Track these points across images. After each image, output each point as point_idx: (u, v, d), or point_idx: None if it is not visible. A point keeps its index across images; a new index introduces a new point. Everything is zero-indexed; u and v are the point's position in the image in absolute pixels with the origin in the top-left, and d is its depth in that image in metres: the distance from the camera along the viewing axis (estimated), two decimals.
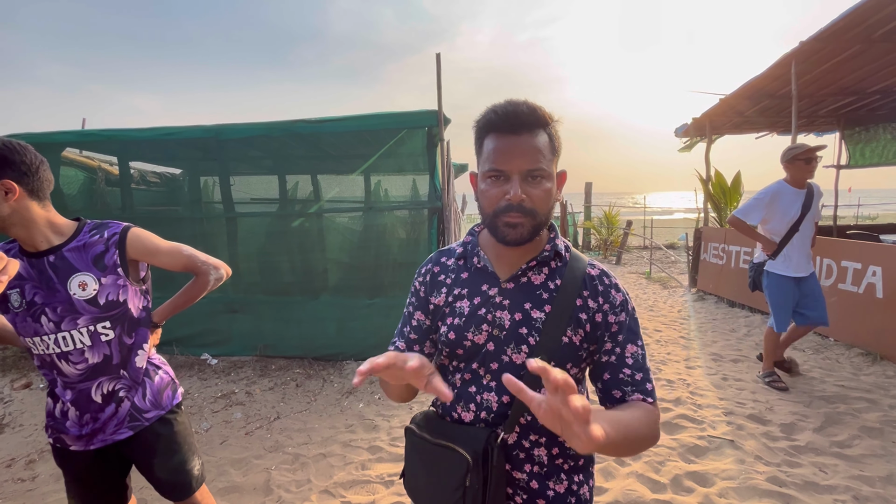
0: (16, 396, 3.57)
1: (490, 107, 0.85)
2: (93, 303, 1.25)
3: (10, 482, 2.48)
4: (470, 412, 0.88)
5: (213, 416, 3.21)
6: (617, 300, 0.89)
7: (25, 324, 1.24)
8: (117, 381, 1.32)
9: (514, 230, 0.83)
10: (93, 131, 4.29)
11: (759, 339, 4.60)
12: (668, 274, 8.90)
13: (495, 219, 0.84)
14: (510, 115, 0.81)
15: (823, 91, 6.08)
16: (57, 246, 1.25)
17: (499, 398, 0.87)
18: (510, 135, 0.82)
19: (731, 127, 7.69)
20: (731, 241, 6.22)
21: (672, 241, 14.47)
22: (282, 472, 2.51)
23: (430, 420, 0.93)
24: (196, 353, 4.29)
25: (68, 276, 1.24)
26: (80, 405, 1.28)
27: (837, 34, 4.39)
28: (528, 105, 0.82)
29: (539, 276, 0.91)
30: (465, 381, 0.90)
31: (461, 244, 1.00)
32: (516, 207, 0.81)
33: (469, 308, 0.91)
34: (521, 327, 0.87)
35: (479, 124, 0.86)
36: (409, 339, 1.00)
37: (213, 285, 1.50)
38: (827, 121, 7.62)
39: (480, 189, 0.86)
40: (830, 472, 2.36)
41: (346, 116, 3.87)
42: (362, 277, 4.26)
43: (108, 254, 1.28)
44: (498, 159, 0.82)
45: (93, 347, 1.28)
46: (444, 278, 0.97)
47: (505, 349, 0.87)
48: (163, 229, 1.47)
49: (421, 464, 0.91)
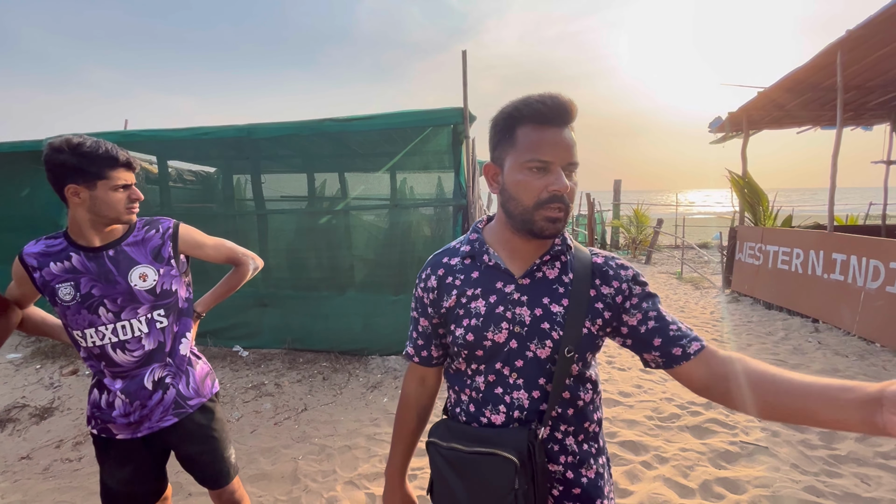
0: (64, 382, 3.80)
1: (530, 97, 0.83)
2: (151, 292, 1.34)
3: (59, 462, 2.65)
4: (500, 414, 0.87)
5: (244, 405, 3.32)
6: (629, 275, 0.90)
7: (79, 316, 1.29)
8: (165, 368, 1.39)
9: (553, 224, 0.83)
10: (134, 132, 4.50)
11: (797, 343, 4.40)
12: (701, 274, 8.61)
13: (536, 211, 0.82)
14: (559, 107, 0.81)
15: (872, 82, 5.74)
16: (114, 241, 1.33)
17: (529, 394, 0.86)
18: (556, 127, 0.81)
19: (769, 121, 7.35)
20: (768, 241, 5.96)
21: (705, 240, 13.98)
22: (308, 462, 2.58)
23: (453, 430, 0.89)
24: (228, 344, 4.45)
25: (129, 269, 1.31)
26: (130, 393, 1.33)
27: (889, 21, 4.13)
28: (569, 98, 0.82)
29: (553, 271, 0.90)
30: (490, 384, 0.89)
31: (466, 242, 0.97)
32: (560, 198, 0.81)
33: (486, 307, 0.89)
34: (543, 322, 0.86)
35: (515, 113, 0.83)
36: (417, 345, 1.02)
37: (251, 275, 1.64)
38: (876, 113, 7.18)
39: (516, 180, 0.83)
40: (874, 483, 2.24)
41: (372, 115, 3.91)
42: (388, 274, 4.31)
43: (164, 247, 1.37)
44: (544, 150, 0.81)
45: (149, 335, 1.35)
46: (451, 280, 0.94)
47: (528, 345, 0.86)
48: (198, 225, 1.54)
49: (457, 476, 0.85)
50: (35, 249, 1.31)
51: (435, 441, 0.90)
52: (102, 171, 1.24)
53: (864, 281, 4.36)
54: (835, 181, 4.99)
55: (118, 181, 1.27)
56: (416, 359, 1.03)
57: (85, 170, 1.23)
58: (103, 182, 1.25)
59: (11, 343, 4.72)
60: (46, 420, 3.16)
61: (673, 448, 2.63)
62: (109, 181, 1.26)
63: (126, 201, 1.30)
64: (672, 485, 2.30)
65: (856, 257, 4.49)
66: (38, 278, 1.29)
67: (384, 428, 2.96)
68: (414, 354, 1.03)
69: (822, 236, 5.07)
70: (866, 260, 4.32)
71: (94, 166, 1.23)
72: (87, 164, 1.23)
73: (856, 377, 3.51)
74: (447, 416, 0.99)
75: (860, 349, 4.09)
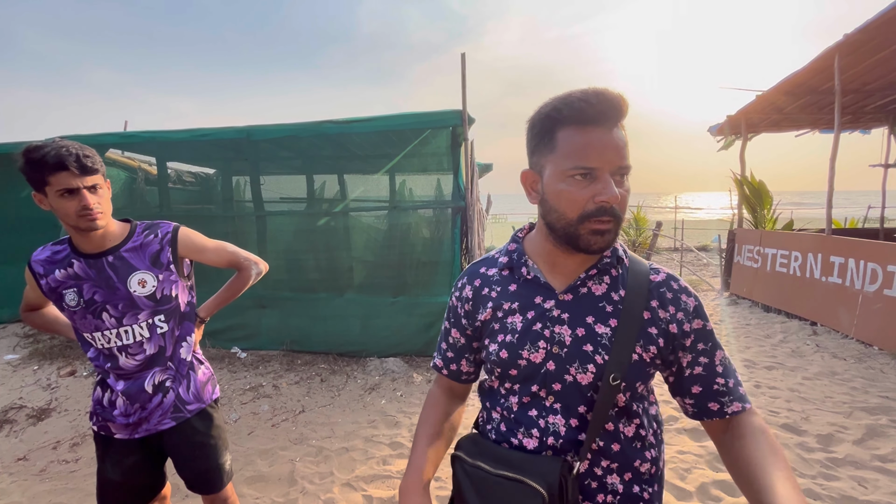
0: (62, 383, 3.80)
1: (573, 94, 0.72)
2: (151, 298, 1.33)
3: (56, 463, 2.64)
4: (533, 438, 0.78)
5: (242, 407, 3.32)
6: (690, 305, 0.79)
7: (86, 320, 1.30)
8: (166, 372, 1.39)
9: (602, 238, 0.74)
10: (134, 133, 4.51)
11: (796, 346, 4.41)
12: (700, 277, 8.61)
13: (581, 224, 0.73)
14: (606, 104, 0.70)
15: (870, 86, 5.75)
16: (114, 247, 1.32)
17: (566, 421, 0.77)
18: (600, 127, 0.71)
19: (768, 124, 7.37)
20: (767, 244, 5.97)
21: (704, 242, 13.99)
22: (306, 464, 2.58)
23: (482, 446, 0.82)
24: (226, 346, 4.44)
25: (128, 275, 1.31)
26: (131, 395, 1.34)
27: (886, 25, 4.15)
28: (619, 93, 0.71)
29: (600, 287, 0.81)
30: (524, 405, 0.81)
31: (504, 253, 0.90)
32: (609, 210, 0.72)
33: (522, 323, 0.81)
34: (586, 344, 0.77)
35: (556, 113, 0.73)
36: (447, 357, 0.96)
37: (254, 280, 1.60)
38: (874, 117, 7.21)
39: (559, 190, 0.74)
40: (871, 486, 2.24)
41: (371, 117, 3.93)
42: (386, 276, 4.31)
43: (163, 252, 1.36)
44: (591, 156, 0.71)
45: (150, 339, 1.35)
46: (488, 291, 0.87)
47: (568, 368, 0.77)
48: (197, 227, 1.54)
49: (478, 498, 0.77)
50: (41, 256, 1.32)
51: (460, 456, 0.83)
52: (45, 176, 1.17)
53: (861, 284, 4.36)
54: (833, 184, 5.00)
55: (59, 186, 1.18)
56: (444, 371, 0.96)
57: (31, 177, 1.19)
58: (50, 188, 1.19)
59: (9, 344, 4.71)
60: (44, 421, 3.15)
61: (670, 451, 2.63)
62: (53, 187, 1.18)
63: (78, 208, 1.20)
64: (669, 487, 2.30)
65: (854, 260, 4.50)
66: (44, 285, 1.30)
67: (382, 430, 2.96)
68: (443, 367, 0.96)
69: (820, 239, 5.08)
70: (864, 263, 4.32)
71: (37, 172, 1.18)
72: (31, 170, 1.18)
73: (853, 380, 3.52)
74: (477, 430, 0.91)
75: (858, 352, 4.10)
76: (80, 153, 1.19)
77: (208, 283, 1.65)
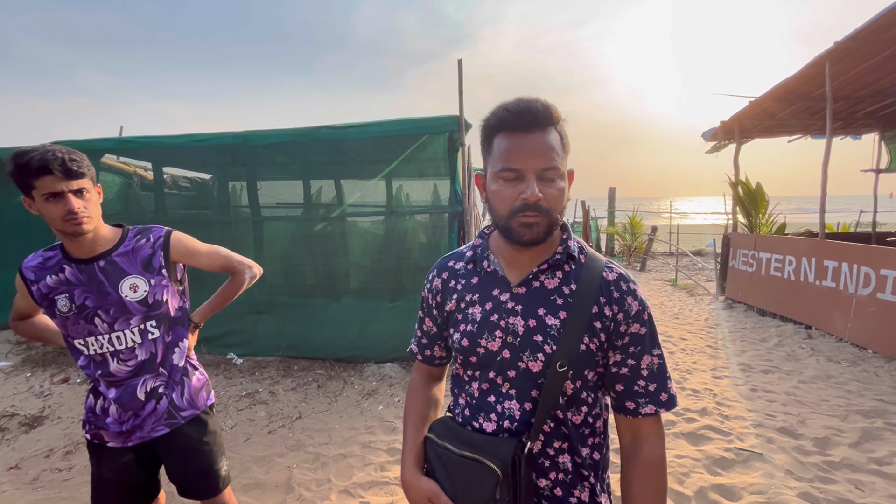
0: (55, 391, 3.75)
1: (500, 105, 0.82)
2: (143, 303, 1.32)
3: (49, 472, 2.61)
4: (492, 422, 0.86)
5: (238, 413, 3.29)
6: (632, 309, 0.85)
7: (78, 326, 1.29)
8: (158, 378, 1.37)
9: (530, 230, 0.80)
10: (130, 138, 4.49)
11: (791, 350, 4.43)
12: (695, 281, 8.66)
13: (510, 220, 0.81)
14: (524, 113, 0.79)
15: (861, 92, 5.84)
16: (105, 252, 1.31)
17: (521, 406, 0.85)
18: (524, 133, 0.79)
19: (761, 130, 7.46)
20: (761, 248, 6.02)
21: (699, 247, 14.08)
22: (303, 471, 2.56)
23: (450, 429, 0.91)
24: (222, 352, 4.41)
25: (119, 280, 1.30)
26: (123, 402, 1.33)
27: (875, 33, 4.22)
28: (542, 103, 0.80)
29: (552, 281, 0.87)
30: (483, 391, 0.89)
31: (470, 247, 0.97)
32: (532, 207, 0.79)
33: (481, 314, 0.89)
34: (536, 334, 0.84)
35: (488, 123, 0.84)
36: (421, 344, 1.06)
37: (248, 284, 1.59)
38: (865, 122, 7.31)
39: (492, 190, 0.83)
40: (868, 489, 2.25)
41: (368, 122, 3.94)
42: (383, 281, 4.31)
43: (155, 256, 1.35)
44: (512, 158, 0.79)
45: (142, 345, 1.34)
46: (454, 284, 0.95)
47: (521, 356, 0.84)
48: (193, 232, 1.53)
49: (446, 475, 0.88)
50: (33, 263, 1.31)
51: (431, 437, 0.93)
52: (31, 181, 1.17)
53: (855, 287, 4.40)
54: (825, 189, 5.06)
55: (44, 190, 1.18)
56: (419, 357, 1.07)
57: (19, 181, 1.19)
58: (36, 192, 1.19)
59: (1, 350, 4.66)
60: (36, 429, 3.11)
61: (668, 455, 2.63)
62: (39, 191, 1.18)
63: (63, 212, 1.19)
64: (668, 492, 2.29)
65: (847, 264, 4.54)
66: (35, 291, 1.29)
67: (379, 436, 2.94)
68: (418, 352, 1.07)
69: (813, 244, 5.13)
70: (857, 267, 4.37)
71: (24, 177, 1.17)
72: (18, 174, 1.18)
73: (849, 383, 3.54)
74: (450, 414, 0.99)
75: (852, 355, 4.12)
76: (65, 157, 1.18)
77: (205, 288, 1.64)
